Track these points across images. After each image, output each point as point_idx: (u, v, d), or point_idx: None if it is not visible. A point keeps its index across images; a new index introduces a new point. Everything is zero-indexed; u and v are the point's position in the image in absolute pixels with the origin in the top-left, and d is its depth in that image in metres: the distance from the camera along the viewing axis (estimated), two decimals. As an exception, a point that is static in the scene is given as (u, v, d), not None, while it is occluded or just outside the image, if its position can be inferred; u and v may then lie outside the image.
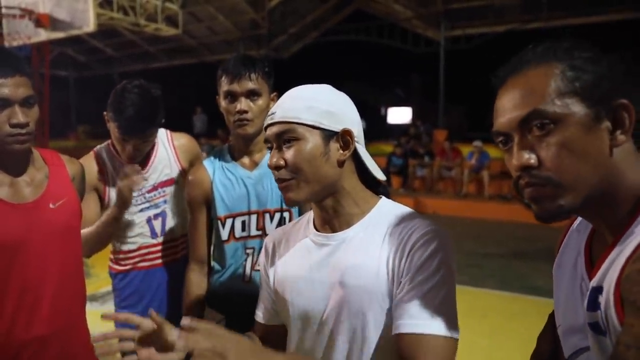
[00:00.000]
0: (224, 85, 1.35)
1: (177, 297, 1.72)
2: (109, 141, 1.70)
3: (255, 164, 1.42)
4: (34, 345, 1.17)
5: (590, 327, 0.61)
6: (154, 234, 1.71)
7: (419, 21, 11.17)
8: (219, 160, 1.43)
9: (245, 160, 1.42)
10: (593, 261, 0.67)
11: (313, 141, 0.82)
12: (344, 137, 0.84)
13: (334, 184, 0.84)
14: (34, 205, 1.17)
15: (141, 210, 1.69)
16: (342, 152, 0.84)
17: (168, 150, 1.74)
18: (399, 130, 13.34)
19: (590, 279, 0.63)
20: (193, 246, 1.45)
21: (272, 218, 1.40)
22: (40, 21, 8.31)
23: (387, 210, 0.87)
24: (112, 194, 1.64)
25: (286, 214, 1.41)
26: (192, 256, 1.46)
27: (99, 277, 4.34)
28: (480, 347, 2.74)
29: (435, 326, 0.73)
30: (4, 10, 8.69)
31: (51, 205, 1.20)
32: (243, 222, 1.40)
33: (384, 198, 0.90)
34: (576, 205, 0.60)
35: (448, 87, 11.04)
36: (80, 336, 1.30)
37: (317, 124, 0.82)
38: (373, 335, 0.80)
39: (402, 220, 0.83)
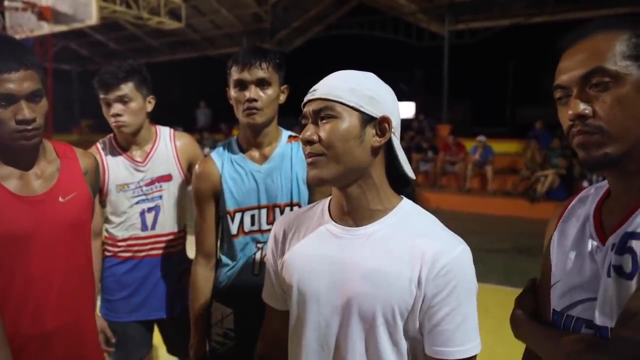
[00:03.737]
0: (234, 74, 1.32)
1: (170, 290, 1.77)
2: (111, 135, 1.76)
3: (264, 158, 1.39)
4: (40, 339, 1.16)
5: (614, 269, 0.68)
6: (144, 227, 1.73)
7: (423, 15, 11.09)
8: (228, 152, 1.41)
9: (255, 153, 1.40)
10: (602, 223, 0.75)
11: (350, 122, 0.81)
12: (382, 124, 0.83)
13: (362, 170, 0.83)
14: (43, 198, 1.17)
15: (137, 203, 1.71)
16: (377, 138, 0.83)
17: (168, 147, 1.77)
18: (403, 124, 13.21)
19: (602, 237, 0.73)
20: (200, 240, 1.44)
21: (282, 212, 1.39)
22: (43, 14, 8.31)
23: (410, 213, 0.87)
24: (110, 184, 1.69)
25: (296, 208, 1.38)
26: (199, 250, 1.45)
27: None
28: (483, 341, 2.73)
29: (467, 350, 0.80)
30: (6, 3, 8.68)
31: (61, 199, 1.19)
32: (252, 217, 1.39)
33: (405, 199, 0.89)
34: (618, 156, 0.68)
35: (452, 82, 10.99)
36: (87, 331, 1.29)
37: (357, 106, 0.81)
38: (383, 332, 0.80)
39: (427, 230, 0.84)
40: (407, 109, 18.05)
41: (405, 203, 0.88)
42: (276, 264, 0.97)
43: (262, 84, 1.31)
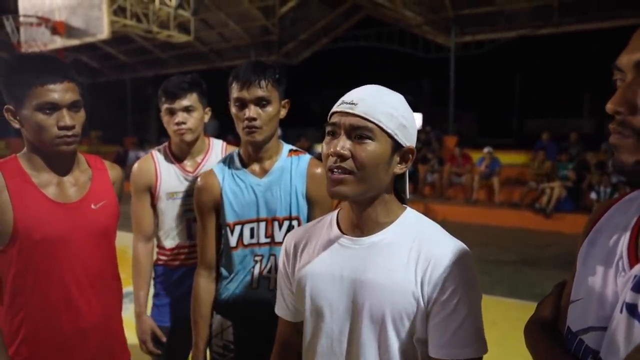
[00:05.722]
0: (234, 92, 1.35)
1: None
2: (166, 143, 1.83)
3: (265, 171, 1.42)
4: (77, 337, 1.26)
5: (626, 307, 0.57)
6: (189, 236, 1.78)
7: (429, 27, 11.16)
8: (229, 166, 1.44)
9: (255, 167, 1.42)
10: (638, 244, 0.61)
11: (385, 147, 0.85)
12: (407, 154, 0.88)
13: (380, 190, 0.88)
14: (78, 205, 1.26)
15: (185, 212, 1.76)
16: (400, 166, 0.88)
17: (219, 158, 1.80)
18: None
19: (632, 259, 0.60)
20: (201, 252, 1.46)
21: (280, 226, 1.41)
22: (56, 29, 8.51)
23: (413, 221, 0.91)
24: (161, 191, 1.75)
25: (295, 222, 1.41)
26: (200, 262, 1.47)
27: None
28: (489, 354, 2.70)
29: (469, 352, 0.82)
30: (21, 19, 8.90)
31: (93, 206, 1.29)
32: (252, 229, 1.41)
33: (409, 208, 0.94)
34: None
35: (458, 93, 11.01)
36: (116, 330, 1.39)
37: (393, 134, 0.85)
38: (392, 336, 0.84)
39: (429, 235, 0.88)
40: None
41: (409, 212, 0.93)
42: (288, 278, 1.01)
43: (261, 102, 1.33)
